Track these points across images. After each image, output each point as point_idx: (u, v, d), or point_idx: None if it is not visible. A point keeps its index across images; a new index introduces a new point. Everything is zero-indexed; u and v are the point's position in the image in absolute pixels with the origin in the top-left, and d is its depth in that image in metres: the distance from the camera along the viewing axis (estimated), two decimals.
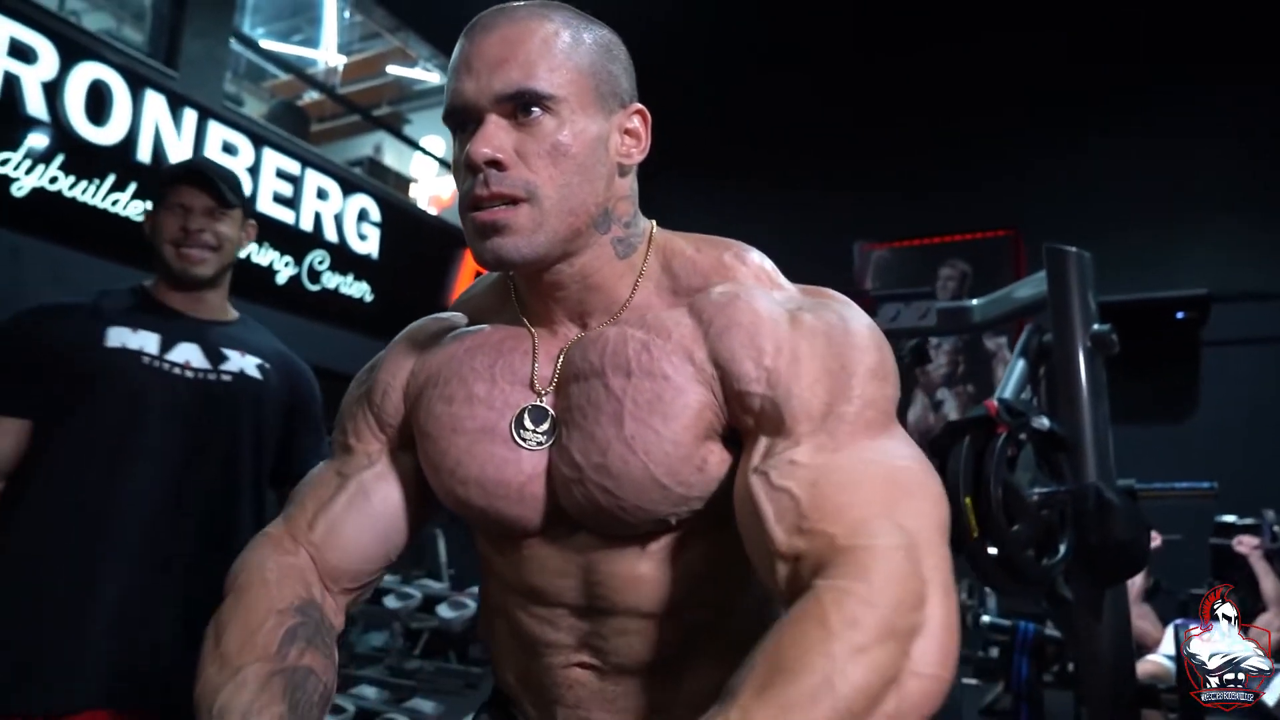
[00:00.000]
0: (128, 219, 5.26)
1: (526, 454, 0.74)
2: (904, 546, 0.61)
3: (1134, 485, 2.08)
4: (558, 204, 0.71)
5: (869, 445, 0.67)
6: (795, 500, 0.64)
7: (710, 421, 0.71)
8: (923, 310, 2.71)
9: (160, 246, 1.55)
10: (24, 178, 4.75)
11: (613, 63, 0.76)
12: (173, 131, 5.54)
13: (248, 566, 0.76)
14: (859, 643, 0.55)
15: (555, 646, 0.77)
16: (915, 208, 8.44)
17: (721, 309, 0.72)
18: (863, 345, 0.70)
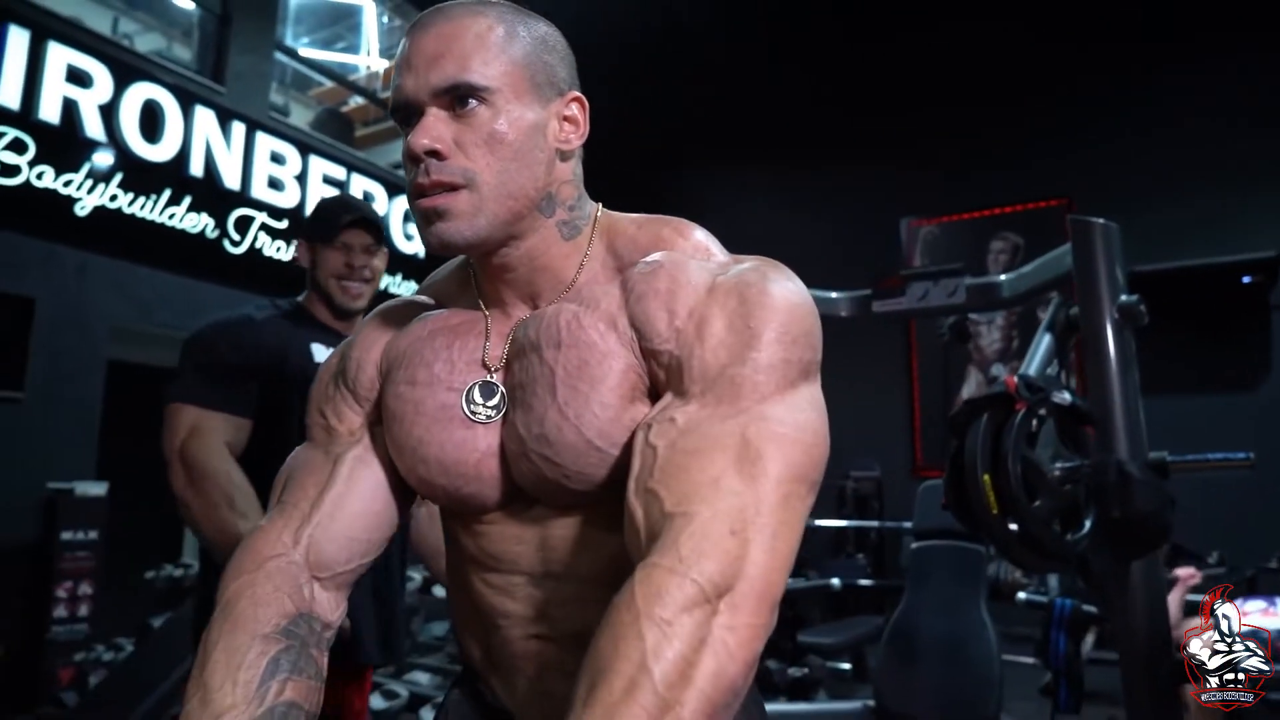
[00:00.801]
0: (184, 231, 5.47)
1: (481, 431, 0.77)
2: (728, 511, 0.62)
3: (1166, 457, 2.04)
4: (496, 189, 0.74)
5: (750, 410, 0.67)
6: (653, 457, 0.67)
7: (634, 383, 0.73)
8: (951, 288, 2.69)
9: (324, 279, 1.74)
10: (86, 197, 4.98)
11: (548, 54, 0.79)
12: (223, 145, 5.74)
13: (240, 575, 0.77)
14: (665, 617, 0.57)
15: (513, 618, 0.79)
16: (963, 181, 8.27)
17: (644, 276, 0.75)
18: (774, 307, 0.71)
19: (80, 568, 4.67)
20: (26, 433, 4.76)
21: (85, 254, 5.05)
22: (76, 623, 4.64)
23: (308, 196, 6.23)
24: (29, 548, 4.68)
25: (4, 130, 4.64)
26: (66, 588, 4.62)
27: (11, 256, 4.75)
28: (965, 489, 1.78)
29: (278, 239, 6.04)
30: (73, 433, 5.00)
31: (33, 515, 4.69)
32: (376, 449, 0.84)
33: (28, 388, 4.80)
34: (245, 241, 5.83)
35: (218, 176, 5.69)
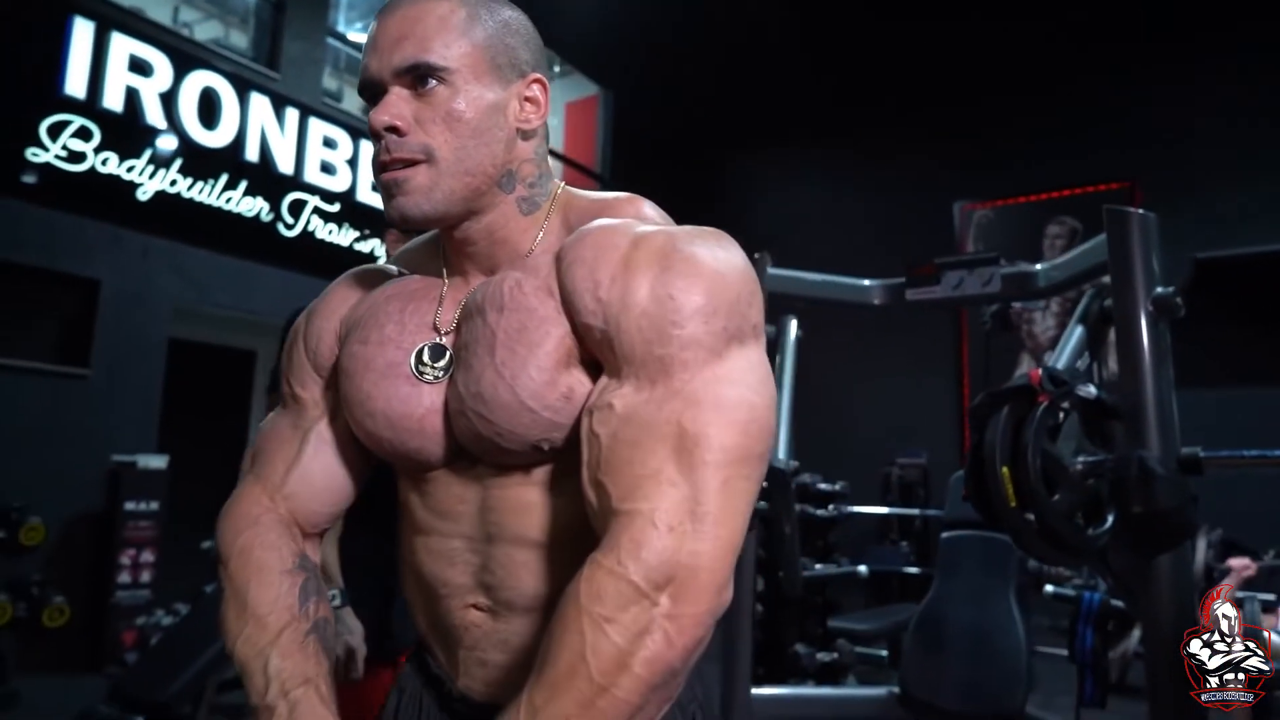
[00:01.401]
0: (240, 215, 5.65)
1: (426, 389, 0.80)
2: (668, 508, 0.65)
3: (1199, 453, 2.00)
4: (453, 165, 0.77)
5: (683, 391, 0.68)
6: (599, 448, 0.69)
7: (569, 350, 0.75)
8: (987, 276, 2.65)
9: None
10: (148, 182, 5.17)
11: (510, 37, 0.81)
12: (277, 130, 5.90)
13: (244, 527, 0.85)
14: (603, 614, 0.63)
15: (452, 587, 0.82)
16: (1020, 163, 8.08)
17: (573, 244, 0.76)
18: (698, 273, 0.71)
19: (142, 536, 4.90)
20: (92, 408, 5.00)
21: (148, 237, 5.25)
22: (139, 588, 4.87)
23: (359, 180, 6.36)
24: (96, 517, 4.92)
25: (71, 118, 4.84)
26: (130, 555, 4.85)
27: (79, 240, 4.97)
28: (985, 481, 1.78)
29: (330, 222, 6.19)
30: (136, 408, 5.23)
31: (99, 487, 4.92)
32: (338, 421, 0.88)
33: (94, 365, 5.03)
34: (298, 225, 5.99)
35: (272, 161, 5.85)
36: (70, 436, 4.86)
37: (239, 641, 0.81)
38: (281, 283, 5.84)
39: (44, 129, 4.74)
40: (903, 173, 8.48)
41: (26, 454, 4.67)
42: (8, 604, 3.95)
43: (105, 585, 4.80)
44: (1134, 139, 7.47)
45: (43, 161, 4.74)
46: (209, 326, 5.93)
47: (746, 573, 2.61)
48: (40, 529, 4.25)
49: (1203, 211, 7.16)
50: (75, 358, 5.01)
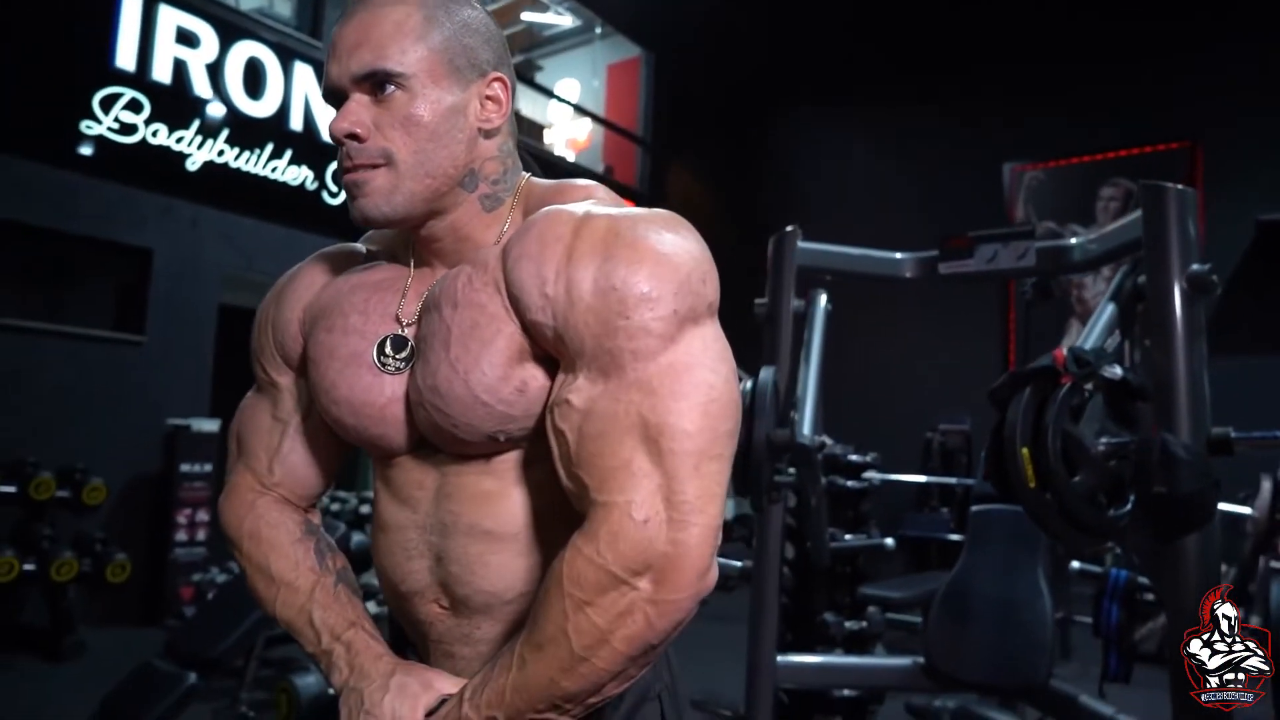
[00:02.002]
0: (285, 184, 5.76)
1: (388, 379, 0.82)
2: (643, 499, 0.67)
3: (1230, 433, 1.97)
4: (413, 167, 0.78)
5: (638, 381, 0.70)
6: (567, 444, 0.72)
7: (520, 347, 0.76)
8: (1021, 250, 2.61)
9: None
10: (196, 153, 5.30)
11: (469, 37, 0.81)
12: (320, 99, 5.96)
13: (245, 513, 0.92)
14: (584, 599, 0.67)
15: (412, 582, 0.84)
16: (1073, 123, 7.82)
17: (518, 238, 0.77)
18: (640, 260, 0.71)
19: (197, 496, 5.11)
20: (148, 373, 5.19)
21: (197, 206, 5.39)
22: (195, 546, 5.09)
23: None
24: (153, 478, 5.14)
25: (122, 91, 4.96)
26: (185, 514, 5.06)
27: (132, 210, 5.12)
28: (1004, 462, 1.78)
29: None
30: (189, 373, 5.42)
31: (156, 449, 5.13)
32: (313, 409, 0.91)
33: (148, 332, 5.21)
34: (343, 193, 6.08)
35: (316, 130, 5.94)
36: (128, 401, 5.07)
37: (277, 606, 0.88)
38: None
39: (96, 101, 4.87)
40: (950, 134, 8.28)
41: (88, 418, 4.88)
42: (74, 560, 4.16)
43: (163, 543, 5.03)
44: (1195, 96, 7.18)
45: (96, 134, 4.88)
46: (257, 293, 6.07)
47: (773, 542, 2.65)
48: (102, 489, 4.46)
49: (1269, 172, 6.90)
50: (131, 325, 5.20)
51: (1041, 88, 7.86)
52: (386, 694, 0.77)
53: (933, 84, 8.40)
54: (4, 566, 3.96)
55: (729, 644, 3.02)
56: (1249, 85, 6.90)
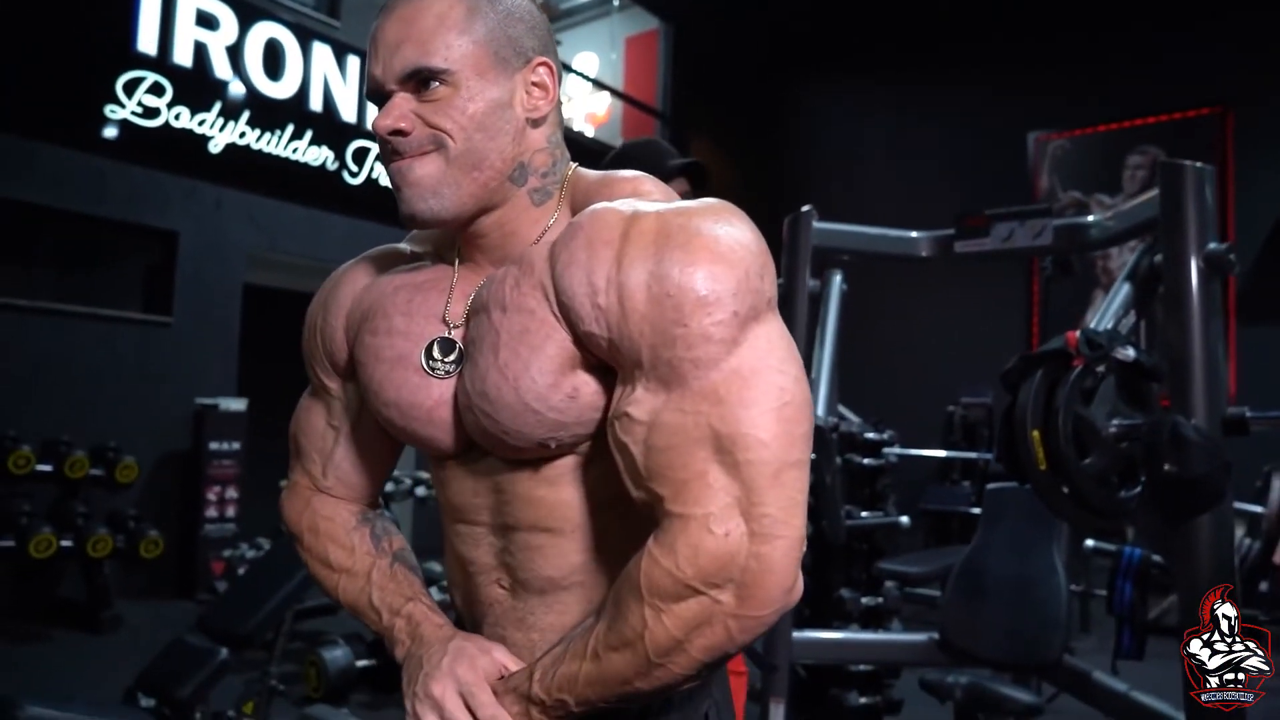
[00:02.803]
0: (306, 164, 5.81)
1: (435, 381, 0.80)
2: (720, 512, 0.65)
3: (1246, 413, 1.97)
4: (463, 156, 0.76)
5: (702, 391, 0.67)
6: (632, 458, 0.69)
7: (572, 354, 0.73)
8: (1038, 228, 2.59)
9: None
10: (218, 135, 5.35)
11: (513, 25, 0.79)
12: (339, 79, 5.99)
13: (302, 509, 0.94)
14: (662, 606, 0.66)
15: (479, 565, 0.85)
16: (1099, 89, 7.67)
17: (566, 242, 0.74)
18: (693, 261, 0.68)
19: (226, 474, 5.22)
20: (177, 353, 5.29)
21: (220, 188, 5.46)
22: (225, 522, 5.21)
23: None
24: (183, 456, 5.26)
25: (144, 74, 5.01)
26: (215, 491, 5.18)
27: (157, 193, 5.19)
28: (1016, 444, 1.80)
29: None
30: (216, 353, 5.52)
31: (185, 427, 5.25)
32: (364, 414, 0.91)
33: (176, 313, 5.30)
34: (363, 172, 6.13)
35: (335, 110, 5.97)
36: (157, 381, 5.17)
37: (338, 592, 0.92)
38: (348, 229, 6.01)
39: (120, 86, 4.92)
40: (974, 102, 8.15)
41: (119, 398, 5.00)
42: (108, 536, 4.28)
43: (194, 519, 5.16)
44: (1224, 60, 7.02)
45: (120, 118, 4.94)
46: (281, 273, 6.15)
47: None
48: (134, 467, 4.57)
49: None
50: (159, 306, 5.29)
51: (1066, 54, 7.71)
52: (445, 656, 0.78)
53: (955, 53, 8.26)
54: (43, 543, 4.09)
55: None
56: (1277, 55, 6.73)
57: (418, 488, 4.46)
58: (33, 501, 4.33)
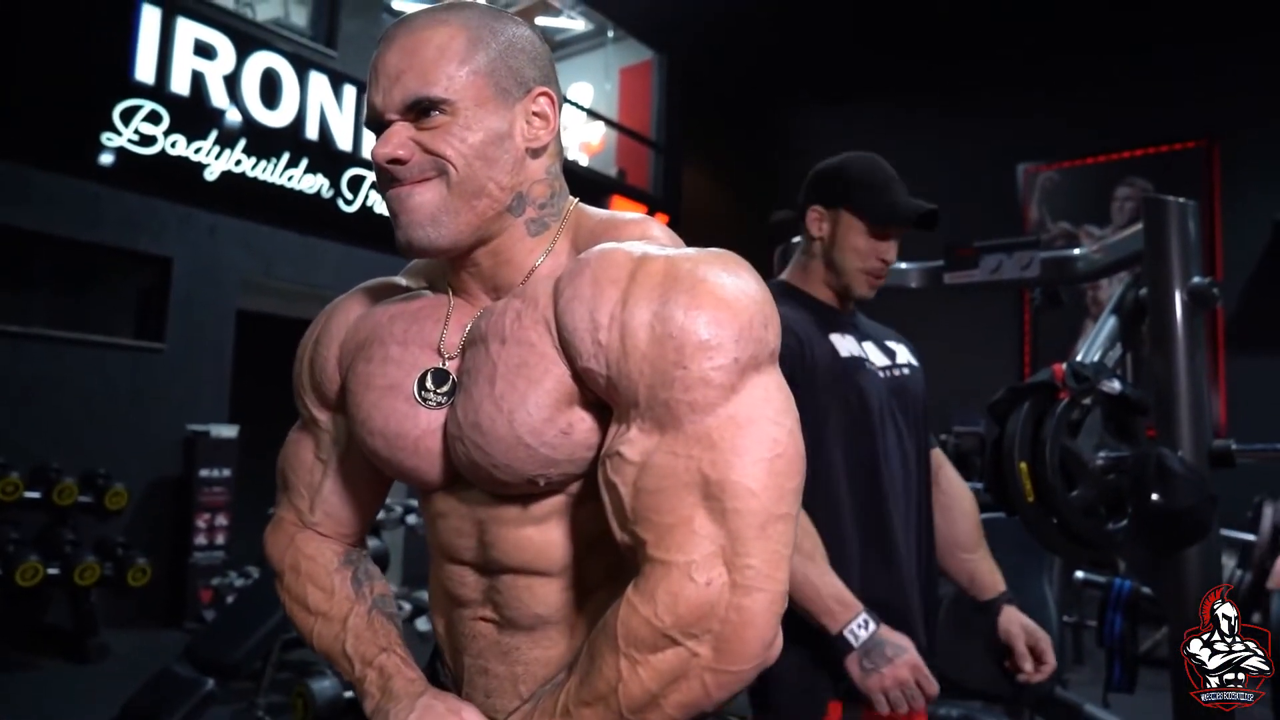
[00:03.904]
0: (301, 192, 5.84)
1: (424, 411, 0.80)
2: (703, 560, 0.64)
3: (1231, 446, 1.99)
4: (462, 183, 0.76)
5: (696, 436, 0.67)
6: (620, 499, 0.69)
7: (570, 389, 0.73)
8: (1026, 260, 2.62)
9: (846, 262, 1.45)
10: (214, 163, 5.38)
11: (515, 56, 0.79)
12: (335, 108, 6.05)
13: (286, 546, 0.94)
14: (638, 658, 0.65)
15: (466, 600, 0.84)
16: (1087, 122, 7.78)
17: (571, 277, 0.73)
18: (698, 306, 0.67)
19: (216, 501, 5.19)
20: (169, 380, 5.28)
21: (215, 215, 5.48)
22: (214, 550, 5.17)
23: None
24: (173, 483, 5.23)
25: (141, 103, 5.05)
26: (205, 518, 5.15)
27: (152, 220, 5.21)
28: (1003, 475, 1.81)
29: None
30: (209, 379, 5.51)
31: (176, 454, 5.22)
32: (351, 449, 0.91)
33: (168, 339, 5.30)
34: (357, 200, 6.16)
35: (331, 139, 6.02)
36: (148, 407, 5.16)
37: (313, 637, 0.90)
38: (342, 256, 6.04)
39: (117, 114, 4.96)
40: (964, 134, 8.26)
41: (110, 424, 4.98)
42: (96, 564, 4.25)
43: (183, 547, 5.12)
44: (1211, 94, 7.14)
45: (117, 145, 4.97)
46: (275, 298, 6.16)
47: None
48: (123, 494, 4.54)
49: None
50: (151, 332, 5.29)
51: (1055, 86, 7.83)
52: (413, 714, 0.77)
53: (945, 84, 8.38)
54: (29, 571, 4.05)
55: None
56: (1266, 83, 6.85)
57: (409, 516, 4.45)
58: (20, 528, 4.30)
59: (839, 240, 1.47)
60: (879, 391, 1.42)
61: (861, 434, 1.39)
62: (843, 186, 1.49)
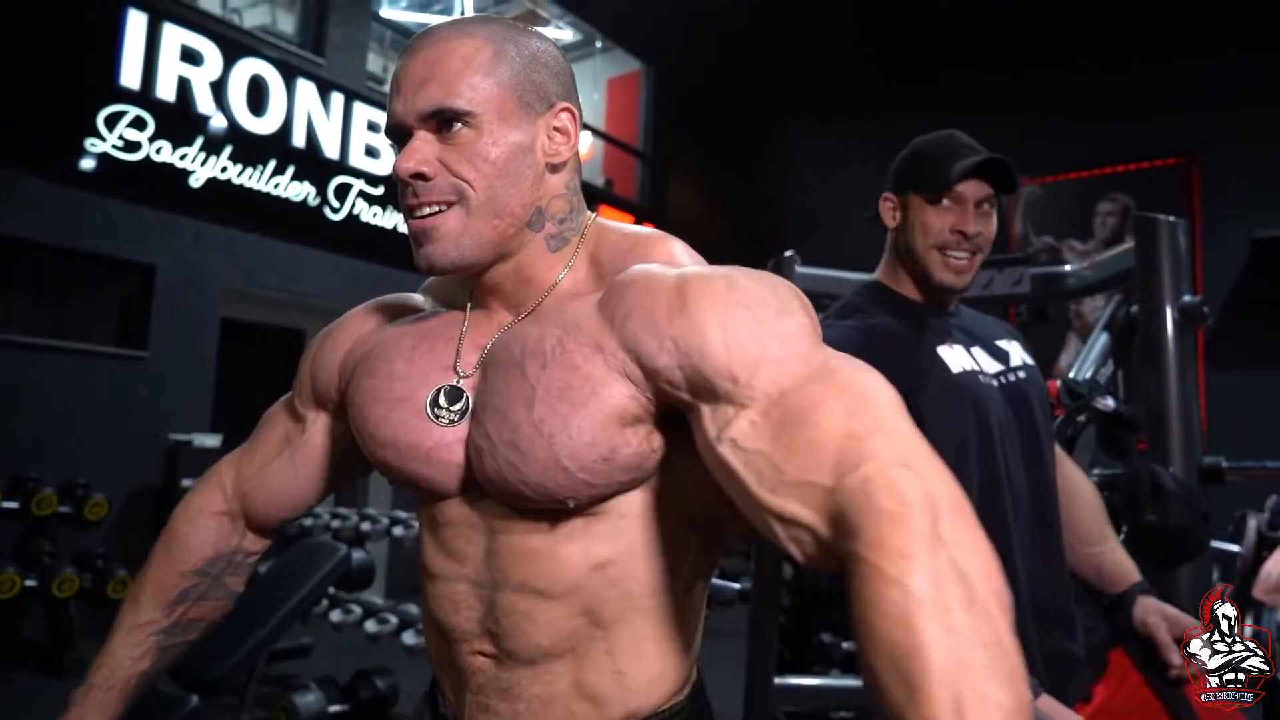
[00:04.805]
0: (288, 199, 5.80)
1: (435, 427, 0.79)
2: (891, 456, 0.59)
3: (1221, 463, 2.00)
4: (483, 205, 0.76)
5: (811, 370, 0.66)
6: (768, 458, 0.64)
7: (625, 408, 0.72)
8: (1016, 276, 2.64)
9: (921, 248, 1.33)
10: (199, 169, 5.33)
11: (537, 71, 0.79)
12: (323, 115, 6.02)
13: (192, 515, 0.99)
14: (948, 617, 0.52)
15: (460, 632, 0.81)
16: (1071, 137, 7.87)
17: (621, 297, 0.74)
18: (755, 289, 0.70)
19: None
20: (151, 388, 5.21)
21: (200, 222, 5.43)
22: None
23: None
24: (155, 493, 5.16)
25: (126, 109, 5.00)
26: None
27: (136, 227, 5.16)
28: None
29: (374, 205, 6.32)
30: (191, 388, 5.44)
31: (158, 464, 5.15)
32: (330, 437, 0.95)
33: (151, 347, 5.24)
34: (344, 208, 6.13)
35: (318, 146, 5.98)
36: (130, 416, 5.09)
37: (123, 601, 0.98)
38: (328, 265, 6.00)
39: (101, 119, 4.91)
40: None
41: (90, 433, 4.90)
42: (75, 576, 4.18)
43: None
44: (1191, 112, 7.23)
45: (101, 151, 4.92)
46: (260, 307, 6.11)
47: (772, 564, 2.67)
48: (103, 504, 4.47)
49: (1265, 189, 6.94)
50: (133, 340, 5.23)
51: (1040, 102, 7.91)
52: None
53: (931, 97, 8.44)
54: (5, 583, 3.97)
55: (723, 659, 3.04)
56: (1245, 102, 6.95)
57: (395, 528, 4.41)
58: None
59: (908, 222, 1.35)
60: (996, 406, 1.27)
61: (984, 458, 1.24)
62: (910, 165, 1.38)
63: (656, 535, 0.77)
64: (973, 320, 1.41)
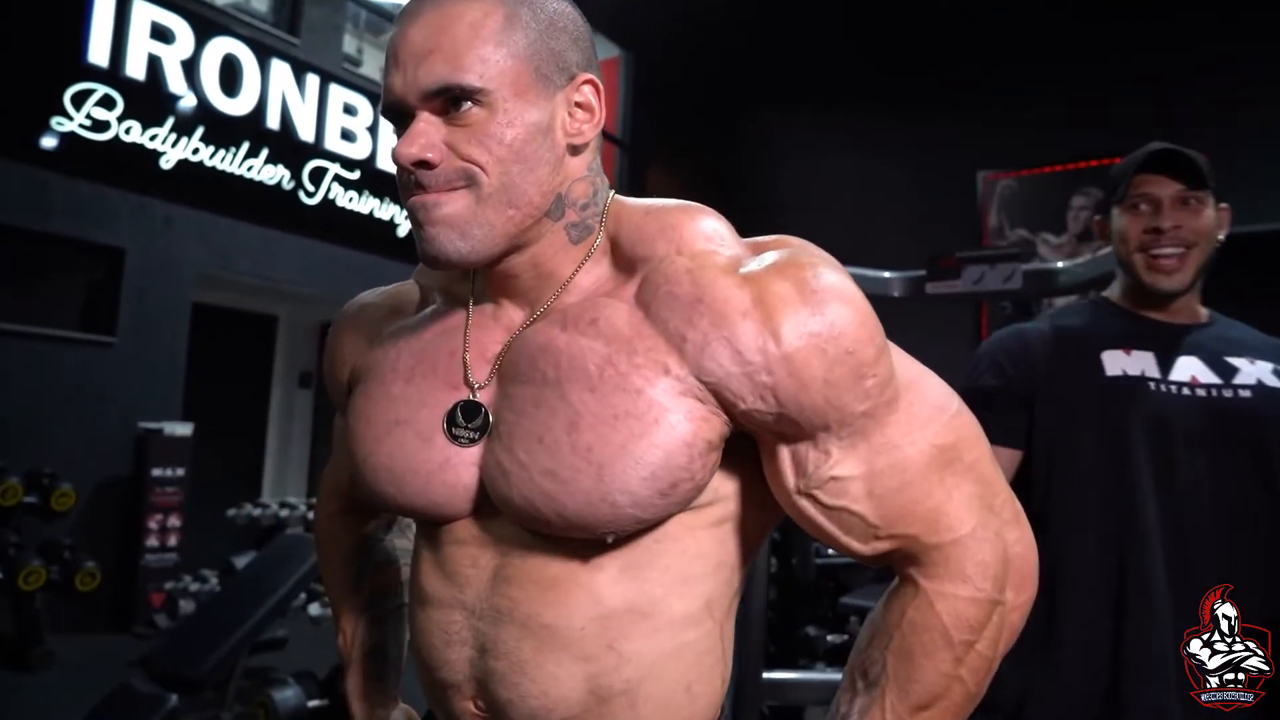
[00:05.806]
0: (261, 183, 5.67)
1: (439, 447, 0.72)
2: (979, 517, 0.67)
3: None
4: (496, 193, 0.67)
5: (897, 424, 0.66)
6: (858, 516, 0.66)
7: (699, 433, 0.65)
8: (1008, 272, 2.64)
9: (1127, 254, 1.31)
10: (170, 151, 5.19)
11: (556, 38, 0.69)
12: (298, 97, 5.89)
13: (321, 519, 1.04)
14: (970, 639, 0.66)
15: (450, 671, 0.73)
16: (1045, 132, 7.93)
17: (688, 318, 0.65)
18: (849, 314, 0.64)
19: (169, 502, 5.02)
20: (120, 375, 5.09)
21: (171, 205, 5.29)
22: (166, 552, 5.00)
23: (379, 148, 6.36)
24: (124, 483, 5.04)
25: (95, 87, 4.85)
26: (157, 520, 4.97)
27: (104, 209, 5.01)
28: None
29: (350, 190, 6.20)
30: (162, 375, 5.32)
31: (127, 453, 5.04)
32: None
33: (120, 333, 5.11)
34: (319, 193, 6.01)
35: (293, 129, 5.85)
36: (98, 404, 4.96)
37: (326, 591, 1.05)
38: (302, 250, 5.88)
39: (68, 98, 4.76)
40: (926, 139, 8.36)
41: (57, 421, 4.78)
42: (41, 568, 4.07)
43: (134, 549, 4.94)
44: (1165, 107, 7.31)
45: (67, 130, 4.77)
46: (232, 292, 5.99)
47: (761, 556, 2.66)
48: (71, 494, 4.36)
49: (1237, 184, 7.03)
50: (101, 325, 5.10)
51: (1015, 95, 7.96)
52: None
53: (908, 89, 8.47)
54: None
55: None
56: (1219, 97, 7.04)
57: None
58: None
59: (1113, 235, 1.34)
60: (1174, 414, 1.22)
61: (1122, 467, 1.21)
62: (1107, 181, 1.39)
63: (696, 557, 0.70)
64: (1218, 333, 1.34)
